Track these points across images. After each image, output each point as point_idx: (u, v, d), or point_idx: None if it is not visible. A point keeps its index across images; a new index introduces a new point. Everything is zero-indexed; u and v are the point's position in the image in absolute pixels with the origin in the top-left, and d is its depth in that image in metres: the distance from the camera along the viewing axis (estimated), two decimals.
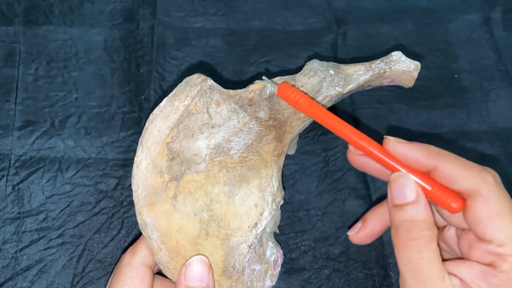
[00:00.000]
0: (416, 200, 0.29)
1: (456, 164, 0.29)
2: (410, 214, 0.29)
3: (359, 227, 0.38)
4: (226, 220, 0.36)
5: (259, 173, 0.37)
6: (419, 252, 0.28)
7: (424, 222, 0.29)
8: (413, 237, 0.29)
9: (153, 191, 0.34)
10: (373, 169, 0.34)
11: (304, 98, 0.34)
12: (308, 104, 0.33)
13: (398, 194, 0.30)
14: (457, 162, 0.29)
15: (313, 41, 0.53)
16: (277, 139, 0.37)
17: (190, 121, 0.35)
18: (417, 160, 0.30)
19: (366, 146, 0.31)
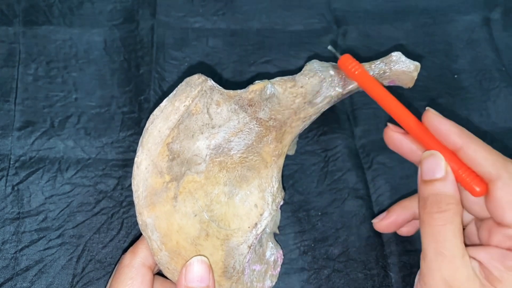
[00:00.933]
0: (445, 177, 0.31)
1: (482, 148, 0.31)
2: (438, 189, 0.30)
3: (384, 215, 0.40)
4: (226, 221, 0.35)
5: (259, 174, 0.37)
6: (444, 223, 0.29)
7: (451, 197, 0.30)
8: (439, 209, 0.30)
9: (154, 191, 0.34)
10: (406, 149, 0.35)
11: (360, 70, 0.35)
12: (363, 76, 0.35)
13: (428, 170, 0.31)
14: (483, 147, 0.31)
15: (313, 42, 0.53)
16: (277, 139, 0.37)
17: (190, 121, 0.35)
18: (449, 136, 0.31)
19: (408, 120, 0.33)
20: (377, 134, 0.48)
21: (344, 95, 0.37)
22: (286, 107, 0.36)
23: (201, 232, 0.35)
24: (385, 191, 0.46)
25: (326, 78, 0.36)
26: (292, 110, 0.36)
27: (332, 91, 0.36)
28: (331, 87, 0.36)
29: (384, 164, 0.47)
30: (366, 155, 0.47)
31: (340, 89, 0.36)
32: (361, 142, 0.48)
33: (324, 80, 0.36)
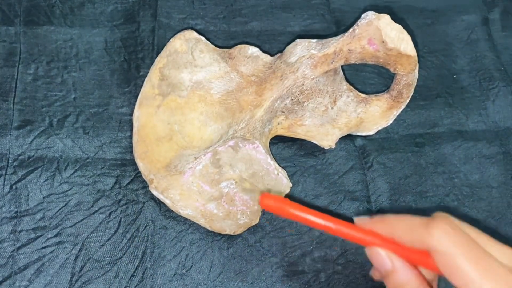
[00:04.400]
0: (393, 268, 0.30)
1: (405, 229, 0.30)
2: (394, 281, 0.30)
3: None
4: (191, 138, 0.42)
5: (233, 115, 0.42)
6: None
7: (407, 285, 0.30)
8: None
9: (145, 96, 0.43)
10: None
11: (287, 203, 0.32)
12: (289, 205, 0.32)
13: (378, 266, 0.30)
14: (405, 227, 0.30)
15: None
16: (257, 93, 0.42)
17: (177, 57, 0.44)
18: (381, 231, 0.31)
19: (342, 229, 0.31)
20: (377, 134, 0.47)
21: (325, 62, 0.40)
22: (269, 68, 0.42)
23: (167, 135, 0.42)
24: (384, 191, 0.45)
25: (302, 43, 0.41)
26: (272, 70, 0.42)
27: (306, 52, 0.40)
28: (306, 49, 0.41)
29: (384, 164, 0.46)
30: (366, 155, 0.46)
31: (315, 51, 0.40)
32: (360, 143, 0.46)
33: (300, 43, 0.41)
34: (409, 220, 0.30)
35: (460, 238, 0.27)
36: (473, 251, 0.27)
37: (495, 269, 0.27)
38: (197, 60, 0.44)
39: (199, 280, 0.39)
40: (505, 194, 0.45)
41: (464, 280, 0.27)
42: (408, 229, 0.29)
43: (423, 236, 0.28)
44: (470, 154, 0.47)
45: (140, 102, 0.43)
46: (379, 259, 0.30)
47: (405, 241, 0.30)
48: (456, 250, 0.27)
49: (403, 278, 0.30)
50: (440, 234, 0.28)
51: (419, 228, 0.29)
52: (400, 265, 0.30)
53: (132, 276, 0.39)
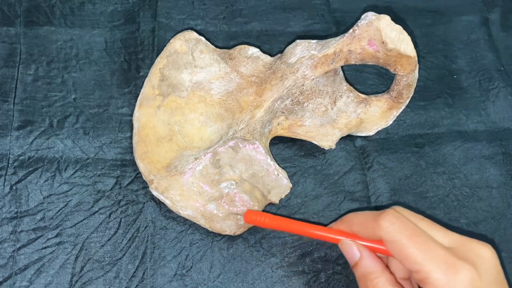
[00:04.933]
0: (360, 257, 0.33)
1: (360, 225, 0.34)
2: (362, 270, 0.33)
3: None
4: (191, 138, 0.42)
5: (233, 116, 0.42)
6: None
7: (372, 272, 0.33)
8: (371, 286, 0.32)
9: (146, 97, 0.43)
10: None
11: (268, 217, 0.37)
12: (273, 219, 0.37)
13: (348, 257, 0.34)
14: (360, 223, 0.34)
15: None
16: (257, 93, 0.42)
17: (177, 57, 0.43)
18: None
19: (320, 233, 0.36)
20: (377, 135, 0.47)
21: (325, 62, 0.40)
22: (269, 68, 0.42)
23: (167, 136, 0.42)
24: (384, 192, 0.44)
25: (302, 44, 0.41)
26: (272, 70, 0.42)
27: (306, 52, 0.40)
28: (306, 50, 0.40)
29: (384, 165, 0.46)
30: (366, 156, 0.46)
31: (315, 52, 0.40)
32: (360, 144, 0.46)
33: (300, 44, 0.41)
34: (362, 216, 0.34)
35: (404, 227, 0.31)
36: (416, 236, 0.31)
37: (435, 251, 0.30)
38: (197, 61, 0.44)
39: (199, 280, 0.39)
40: (505, 194, 0.45)
41: (410, 262, 0.30)
42: (362, 224, 0.34)
43: (374, 229, 0.32)
44: (470, 155, 0.47)
45: (140, 102, 0.43)
46: (349, 249, 0.34)
47: (362, 235, 0.34)
48: (401, 238, 0.31)
49: (369, 265, 0.33)
50: (387, 225, 0.31)
51: (370, 222, 0.33)
52: (367, 254, 0.33)
53: (132, 277, 0.39)
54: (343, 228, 0.35)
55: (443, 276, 0.29)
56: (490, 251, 0.31)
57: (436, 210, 0.44)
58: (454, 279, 0.29)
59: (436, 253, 0.30)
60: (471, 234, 0.42)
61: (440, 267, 0.29)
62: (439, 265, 0.29)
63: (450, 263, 0.29)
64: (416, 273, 0.30)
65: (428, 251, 0.30)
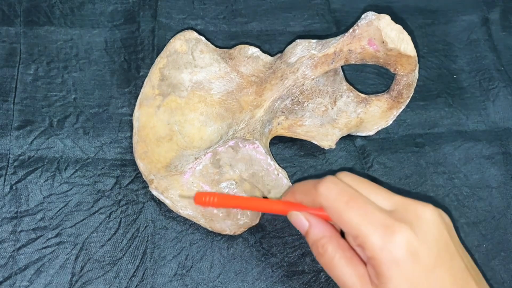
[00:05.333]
0: (309, 225, 0.33)
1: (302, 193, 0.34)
2: (312, 237, 0.33)
3: None
4: (191, 138, 0.42)
5: (233, 115, 0.42)
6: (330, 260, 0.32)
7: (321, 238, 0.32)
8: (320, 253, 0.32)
9: (146, 97, 0.43)
10: None
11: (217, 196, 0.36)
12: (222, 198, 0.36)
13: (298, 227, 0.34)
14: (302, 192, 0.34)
15: None
16: (257, 93, 0.42)
17: (177, 57, 0.44)
18: None
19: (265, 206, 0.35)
20: (377, 135, 0.47)
21: (329, 62, 0.40)
22: (269, 68, 0.42)
23: (167, 135, 0.42)
24: None
25: (302, 43, 0.41)
26: (272, 70, 0.42)
27: (306, 52, 0.40)
28: (306, 50, 0.40)
29: (384, 164, 0.46)
30: (366, 156, 0.46)
31: (315, 52, 0.40)
32: (360, 143, 0.46)
33: (300, 44, 0.41)
34: (304, 185, 0.34)
35: (342, 192, 0.31)
36: (353, 201, 0.30)
37: (373, 214, 0.29)
38: (197, 61, 0.44)
39: (199, 280, 0.39)
40: (505, 194, 0.45)
41: (348, 227, 0.30)
42: (304, 193, 0.33)
43: (314, 196, 0.32)
44: (470, 154, 0.47)
45: (140, 102, 0.43)
46: (297, 220, 0.34)
47: (305, 203, 0.34)
48: (338, 204, 0.30)
49: (319, 232, 0.33)
50: (325, 192, 0.31)
51: (311, 190, 0.32)
52: (315, 221, 0.33)
53: (133, 277, 0.39)
54: (290, 199, 0.35)
55: (380, 238, 0.29)
56: (430, 211, 0.30)
57: None
58: (390, 240, 0.28)
59: (373, 217, 0.29)
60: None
61: (377, 230, 0.29)
62: (375, 228, 0.29)
63: (386, 226, 0.29)
64: (355, 238, 0.30)
65: (365, 215, 0.29)
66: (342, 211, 0.30)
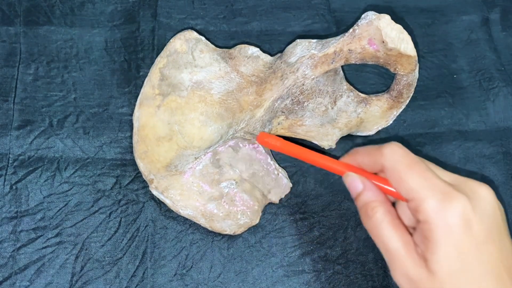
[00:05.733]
0: (363, 188, 0.33)
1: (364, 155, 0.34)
2: (363, 200, 0.33)
3: None
4: (191, 138, 0.42)
5: (234, 115, 0.42)
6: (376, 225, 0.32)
7: (373, 201, 0.32)
8: (368, 215, 0.32)
9: (146, 96, 0.43)
10: None
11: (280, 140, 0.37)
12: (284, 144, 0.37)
13: (351, 189, 0.34)
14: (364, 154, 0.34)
15: None
16: (257, 93, 0.42)
17: (177, 57, 0.43)
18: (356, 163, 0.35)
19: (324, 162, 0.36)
20: (377, 134, 0.46)
21: (325, 62, 0.39)
22: (269, 68, 0.42)
23: (167, 135, 0.42)
24: None
25: (302, 43, 0.40)
26: (272, 70, 0.42)
27: (306, 52, 0.40)
28: (306, 49, 0.40)
29: None
30: None
31: (316, 51, 0.39)
32: (361, 143, 0.46)
33: (300, 43, 0.41)
34: (368, 148, 0.34)
35: (405, 156, 0.32)
36: (415, 165, 0.31)
37: (433, 180, 0.30)
38: (197, 60, 0.44)
39: (199, 280, 0.39)
40: (505, 194, 0.45)
41: (406, 189, 0.30)
42: (366, 154, 0.34)
43: (376, 157, 0.32)
44: (470, 154, 0.47)
45: (140, 102, 0.43)
46: (352, 181, 0.34)
47: (366, 165, 0.34)
48: (401, 165, 0.31)
49: (371, 195, 0.33)
50: (389, 153, 0.32)
51: (374, 151, 0.33)
52: (370, 185, 0.33)
53: (133, 276, 0.39)
54: (349, 161, 0.35)
55: (436, 203, 0.29)
56: (487, 190, 0.31)
57: None
58: (446, 206, 0.29)
59: (433, 182, 0.30)
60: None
61: (435, 195, 0.29)
62: (433, 192, 0.29)
63: (445, 192, 0.29)
64: (410, 201, 0.30)
65: (424, 179, 0.30)
66: (403, 173, 0.31)
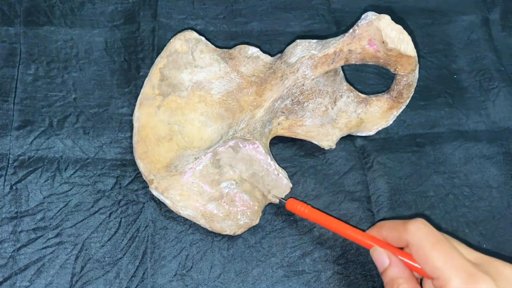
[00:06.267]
0: (390, 264, 0.34)
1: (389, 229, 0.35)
2: (390, 275, 0.34)
3: None
4: (191, 138, 0.42)
5: (234, 116, 0.42)
6: None
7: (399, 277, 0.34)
8: None
9: (146, 97, 0.43)
10: None
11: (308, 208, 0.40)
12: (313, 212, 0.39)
13: (378, 263, 0.35)
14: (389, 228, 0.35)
15: None
16: (257, 93, 0.42)
17: (177, 57, 0.43)
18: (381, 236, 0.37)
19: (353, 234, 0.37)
20: (377, 135, 0.46)
21: (325, 62, 0.40)
22: (269, 68, 0.42)
23: (167, 135, 0.42)
24: (385, 192, 0.44)
25: (302, 43, 0.41)
26: (272, 70, 0.42)
27: (306, 52, 0.40)
28: (306, 50, 0.40)
29: (384, 164, 0.45)
30: (366, 156, 0.46)
31: (316, 52, 0.40)
32: (361, 143, 0.46)
33: (300, 44, 0.41)
34: (393, 222, 0.36)
35: (430, 233, 0.32)
36: (440, 244, 0.31)
37: (458, 260, 0.30)
38: (197, 61, 0.44)
39: (199, 280, 0.39)
40: (505, 194, 0.45)
41: (431, 267, 0.31)
42: (392, 229, 0.35)
43: (401, 232, 0.33)
44: (470, 154, 0.47)
45: (140, 102, 0.43)
46: (379, 256, 0.35)
47: (390, 239, 0.35)
48: (426, 242, 0.32)
49: (398, 271, 0.34)
50: (414, 230, 0.33)
51: (399, 226, 0.34)
52: (396, 261, 0.34)
53: (133, 277, 0.39)
54: (375, 234, 0.36)
55: (461, 283, 0.29)
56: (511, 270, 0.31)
57: (436, 209, 0.44)
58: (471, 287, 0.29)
59: (458, 262, 0.30)
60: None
61: (460, 275, 0.30)
62: (459, 273, 0.30)
63: (470, 273, 0.30)
64: (436, 279, 0.31)
65: (450, 259, 0.30)
66: (429, 251, 0.31)
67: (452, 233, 0.43)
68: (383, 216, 0.43)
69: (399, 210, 0.44)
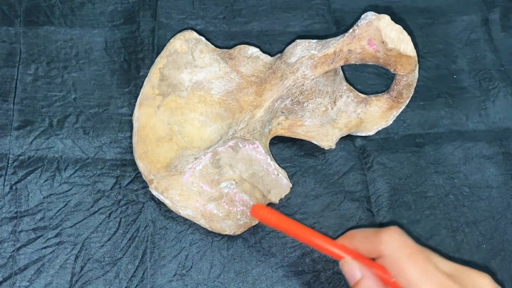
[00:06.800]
0: (362, 277, 0.32)
1: (361, 239, 0.33)
2: None
3: None
4: (191, 138, 0.42)
5: (233, 116, 0.42)
6: None
7: None
8: None
9: (145, 97, 0.43)
10: None
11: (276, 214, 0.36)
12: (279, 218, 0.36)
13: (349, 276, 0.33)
14: (361, 238, 0.34)
15: None
16: (257, 93, 0.42)
17: (177, 57, 0.44)
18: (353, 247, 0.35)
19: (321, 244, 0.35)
20: (377, 135, 0.46)
21: (328, 62, 0.40)
22: (269, 68, 0.42)
23: (167, 135, 0.42)
24: (384, 192, 0.44)
25: (302, 43, 0.41)
26: (272, 70, 0.42)
27: (306, 52, 0.40)
28: (306, 50, 0.40)
29: (384, 164, 0.45)
30: (366, 156, 0.46)
31: (315, 52, 0.40)
32: (360, 143, 0.46)
33: (300, 44, 0.41)
34: (365, 231, 0.34)
35: (405, 244, 0.31)
36: (415, 255, 0.30)
37: (433, 272, 0.30)
38: (197, 61, 0.44)
39: (199, 280, 0.39)
40: (505, 194, 0.45)
41: (406, 280, 0.30)
42: (364, 238, 0.33)
43: (374, 243, 0.32)
44: (470, 154, 0.47)
45: (140, 102, 0.43)
46: (351, 269, 0.33)
47: (362, 250, 0.33)
48: (401, 254, 0.31)
49: (371, 285, 0.32)
50: (388, 240, 0.31)
51: (372, 236, 0.32)
52: (368, 274, 0.32)
53: (132, 277, 0.39)
54: (345, 243, 0.34)
55: None
56: (487, 281, 0.31)
57: (436, 210, 0.44)
58: None
59: (433, 275, 0.30)
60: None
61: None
62: (433, 286, 0.29)
63: (444, 286, 0.29)
64: None
65: (425, 272, 0.30)
66: (403, 263, 0.30)
67: (452, 233, 0.43)
68: (383, 216, 0.43)
69: (398, 210, 0.44)
